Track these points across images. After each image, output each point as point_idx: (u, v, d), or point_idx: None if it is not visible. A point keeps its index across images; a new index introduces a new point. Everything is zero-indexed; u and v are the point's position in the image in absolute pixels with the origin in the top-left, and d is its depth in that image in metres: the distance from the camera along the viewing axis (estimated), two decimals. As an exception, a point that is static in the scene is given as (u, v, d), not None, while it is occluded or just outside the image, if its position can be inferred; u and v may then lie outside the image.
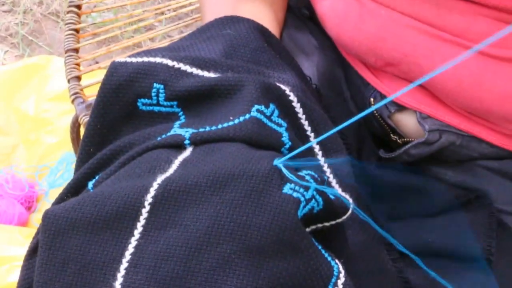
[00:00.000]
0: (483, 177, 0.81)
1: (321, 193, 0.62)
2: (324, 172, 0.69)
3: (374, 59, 0.79)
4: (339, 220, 0.64)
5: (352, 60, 0.84)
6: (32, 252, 0.67)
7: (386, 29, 0.77)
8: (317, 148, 0.69)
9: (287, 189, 0.59)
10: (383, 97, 0.82)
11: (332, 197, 0.64)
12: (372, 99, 0.83)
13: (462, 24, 0.73)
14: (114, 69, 0.71)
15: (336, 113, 0.80)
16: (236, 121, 0.65)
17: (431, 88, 0.77)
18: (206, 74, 0.71)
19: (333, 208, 0.63)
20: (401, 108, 0.80)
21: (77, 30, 1.25)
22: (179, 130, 0.66)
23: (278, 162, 0.61)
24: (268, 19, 0.83)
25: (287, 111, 0.69)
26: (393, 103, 0.81)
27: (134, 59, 0.72)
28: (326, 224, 0.64)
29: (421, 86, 0.78)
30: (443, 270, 0.75)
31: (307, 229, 0.62)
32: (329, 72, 0.86)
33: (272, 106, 0.68)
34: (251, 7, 0.83)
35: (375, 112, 0.83)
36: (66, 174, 1.63)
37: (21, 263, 0.68)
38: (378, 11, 0.77)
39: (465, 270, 0.76)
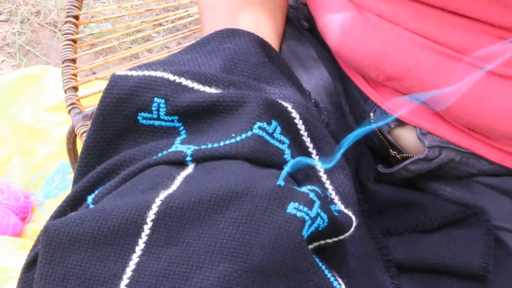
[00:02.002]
0: (481, 194, 0.81)
1: (326, 210, 0.61)
2: (326, 188, 0.68)
3: (376, 73, 0.79)
4: (341, 237, 0.64)
5: (352, 73, 0.84)
6: (30, 265, 0.67)
7: (389, 44, 0.77)
8: (319, 165, 0.69)
9: (291, 208, 0.59)
10: (383, 111, 0.82)
11: (336, 213, 0.64)
12: (372, 114, 0.83)
13: (466, 41, 0.73)
14: (115, 82, 0.71)
15: (334, 127, 0.80)
16: (238, 138, 0.65)
17: (432, 104, 0.77)
18: (207, 89, 0.70)
19: (336, 224, 0.63)
20: (401, 123, 0.80)
21: (74, 41, 1.25)
22: (181, 146, 0.66)
23: (282, 180, 0.61)
24: (268, 31, 0.83)
25: (289, 128, 0.69)
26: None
27: (134, 72, 0.72)
28: (329, 240, 0.64)
29: (421, 101, 0.78)
30: (440, 286, 0.75)
31: (310, 246, 0.62)
32: (328, 85, 0.86)
33: (274, 123, 0.68)
34: (252, 19, 0.83)
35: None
36: (62, 185, 1.63)
37: (15, 274, 0.67)
38: (382, 25, 0.77)
39: (462, 287, 0.75)
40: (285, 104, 0.70)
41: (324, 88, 0.86)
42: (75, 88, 1.19)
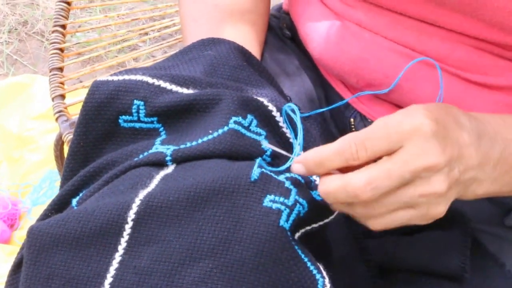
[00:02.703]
0: (460, 196, 0.82)
1: (304, 196, 0.63)
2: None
3: (355, 79, 0.81)
4: (326, 220, 0.66)
5: (333, 80, 0.86)
6: (16, 267, 0.68)
7: (368, 51, 0.78)
8: (302, 153, 0.70)
9: (267, 201, 0.61)
10: (363, 117, 0.83)
11: (318, 198, 0.65)
12: (352, 119, 0.84)
13: (443, 50, 0.75)
14: (96, 87, 0.72)
15: (316, 132, 0.81)
16: (215, 134, 0.67)
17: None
18: (185, 91, 0.72)
19: (319, 209, 0.65)
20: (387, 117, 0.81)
21: (61, 49, 1.26)
22: (161, 147, 0.68)
23: (255, 175, 0.62)
24: (249, 40, 0.85)
25: (267, 121, 0.71)
26: (372, 123, 0.82)
27: (115, 78, 0.73)
28: (315, 225, 0.65)
29: (400, 107, 0.79)
30: (418, 286, 0.76)
31: (297, 234, 0.63)
32: (310, 92, 0.87)
33: (250, 116, 0.69)
34: (232, 29, 0.84)
35: (354, 131, 0.84)
36: (49, 192, 1.63)
37: (2, 280, 0.68)
38: (361, 33, 0.79)
39: (440, 287, 0.77)
40: (261, 99, 0.71)
41: (306, 95, 0.87)
42: (63, 96, 1.20)
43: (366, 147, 0.60)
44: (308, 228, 0.65)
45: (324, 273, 0.62)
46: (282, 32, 0.94)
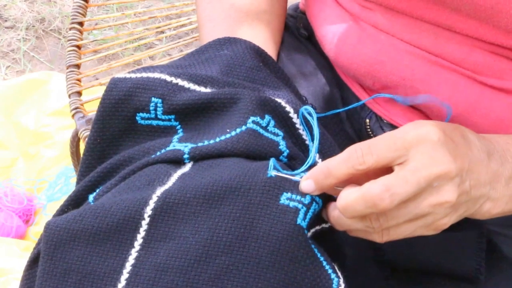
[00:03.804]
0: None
1: (321, 195, 0.63)
2: None
3: (372, 81, 0.81)
4: None
5: (349, 81, 0.86)
6: (33, 262, 0.68)
7: (384, 53, 0.78)
8: (317, 156, 0.70)
9: (283, 199, 0.61)
10: (378, 118, 0.83)
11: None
12: (367, 120, 0.84)
13: (459, 54, 0.74)
14: (114, 84, 0.73)
15: (331, 132, 0.81)
16: (233, 133, 0.67)
17: (427, 111, 0.78)
18: (203, 89, 0.72)
19: None
20: (394, 128, 0.81)
21: (78, 47, 1.26)
22: (178, 144, 0.68)
23: (272, 173, 0.63)
24: (265, 40, 0.85)
25: (284, 122, 0.71)
26: (388, 124, 0.82)
27: (133, 75, 0.74)
28: (325, 225, 0.65)
29: (416, 108, 0.80)
30: (434, 287, 0.76)
31: (309, 234, 0.63)
32: (326, 92, 0.87)
33: (267, 117, 0.69)
34: (247, 29, 0.84)
35: (370, 132, 0.84)
36: (64, 188, 1.64)
37: (17, 275, 0.68)
38: (378, 35, 0.79)
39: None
40: (278, 100, 0.71)
41: (322, 95, 0.87)
42: (79, 93, 1.21)
43: (371, 152, 0.60)
44: (318, 228, 0.65)
45: (339, 273, 0.63)
46: (298, 32, 0.94)
